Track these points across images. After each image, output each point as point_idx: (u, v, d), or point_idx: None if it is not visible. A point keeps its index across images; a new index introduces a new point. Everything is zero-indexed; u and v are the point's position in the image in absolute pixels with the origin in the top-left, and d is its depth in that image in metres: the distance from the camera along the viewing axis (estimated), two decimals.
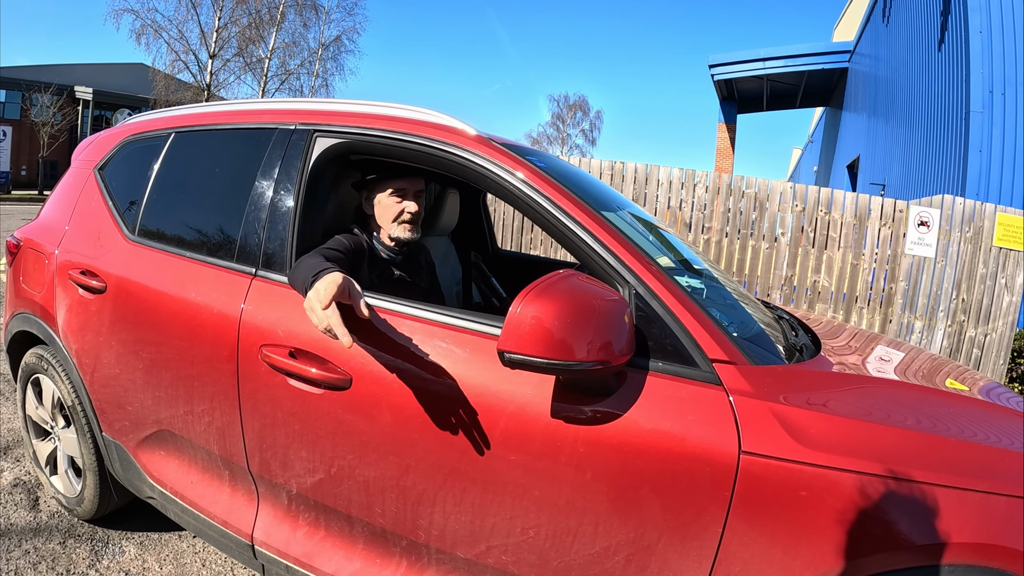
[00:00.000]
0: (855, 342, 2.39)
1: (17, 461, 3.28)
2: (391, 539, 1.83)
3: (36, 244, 2.87)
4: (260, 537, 2.03)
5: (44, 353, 2.73)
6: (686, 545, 1.48)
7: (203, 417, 2.12)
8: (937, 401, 1.78)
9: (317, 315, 1.54)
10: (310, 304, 1.56)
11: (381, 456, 1.75)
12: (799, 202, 6.38)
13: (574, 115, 42.40)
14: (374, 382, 1.74)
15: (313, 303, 1.55)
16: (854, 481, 1.37)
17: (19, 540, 2.61)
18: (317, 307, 1.54)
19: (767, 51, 16.65)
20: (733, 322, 1.87)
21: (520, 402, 1.58)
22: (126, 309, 2.32)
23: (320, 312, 1.53)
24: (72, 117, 32.84)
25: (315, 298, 1.55)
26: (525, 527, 1.62)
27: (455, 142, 1.87)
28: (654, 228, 2.50)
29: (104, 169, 2.79)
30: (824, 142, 23.87)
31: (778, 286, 6.47)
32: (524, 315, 1.39)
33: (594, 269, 1.69)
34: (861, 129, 15.71)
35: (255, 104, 2.39)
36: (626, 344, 1.46)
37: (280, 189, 2.06)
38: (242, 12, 26.98)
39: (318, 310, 1.53)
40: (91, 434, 2.57)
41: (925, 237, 6.11)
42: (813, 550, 1.38)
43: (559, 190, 1.77)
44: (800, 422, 1.45)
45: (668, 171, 6.65)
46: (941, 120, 9.10)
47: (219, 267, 2.13)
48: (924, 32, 10.43)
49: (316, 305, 1.54)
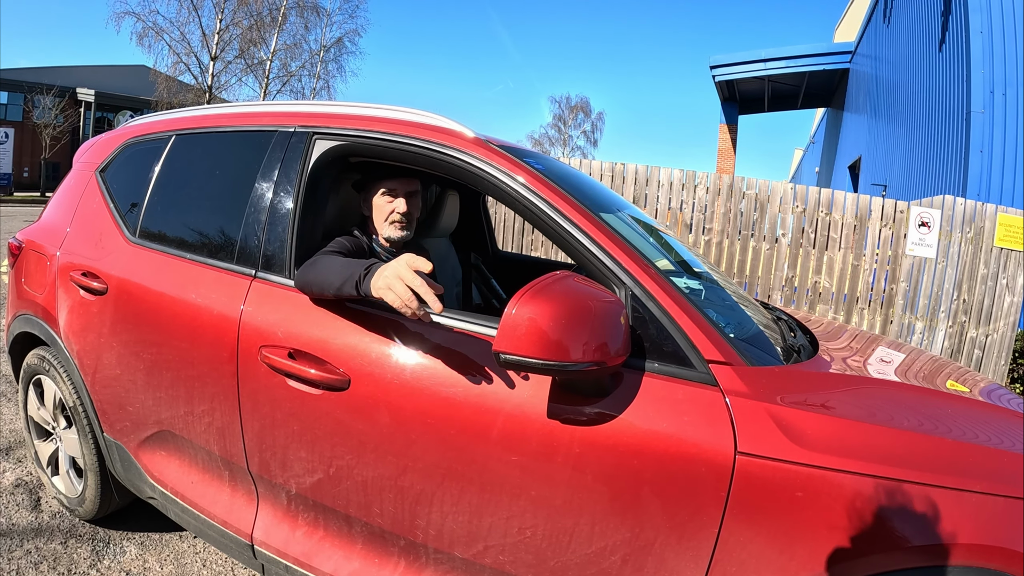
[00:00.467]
0: (855, 343, 2.39)
1: (19, 462, 3.29)
2: (389, 539, 1.84)
3: (38, 246, 2.89)
4: (260, 537, 2.04)
5: (46, 354, 2.75)
6: (682, 545, 1.49)
7: (203, 418, 2.13)
8: (936, 402, 1.78)
9: (407, 280, 1.54)
10: (396, 273, 1.55)
11: (379, 456, 1.76)
12: (800, 203, 6.38)
13: (576, 116, 42.47)
14: (372, 383, 1.75)
15: (402, 272, 1.55)
16: (850, 482, 1.38)
17: (21, 540, 2.63)
18: (407, 274, 1.54)
19: (768, 52, 16.63)
20: (730, 323, 1.88)
21: (517, 403, 1.59)
22: (127, 310, 2.34)
23: (410, 277, 1.53)
24: (74, 119, 32.89)
25: (400, 269, 1.56)
26: (522, 527, 1.62)
27: (453, 144, 1.88)
28: (653, 230, 2.51)
29: (105, 171, 2.80)
30: (825, 143, 23.85)
31: (779, 287, 6.47)
32: (520, 316, 1.39)
33: (590, 270, 1.70)
34: (862, 130, 15.70)
35: (255, 107, 2.40)
36: (622, 345, 1.47)
37: (280, 191, 2.07)
38: (244, 14, 27.01)
39: (408, 276, 1.54)
40: (92, 435, 2.58)
41: (926, 238, 6.10)
42: (809, 550, 1.38)
43: (556, 192, 1.78)
44: (796, 423, 1.45)
45: (669, 172, 6.65)
46: (942, 120, 9.09)
47: (219, 269, 2.15)
48: (925, 32, 10.42)
49: (405, 273, 1.54)
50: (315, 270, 1.84)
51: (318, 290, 1.82)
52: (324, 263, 1.83)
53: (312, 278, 1.84)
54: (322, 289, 1.80)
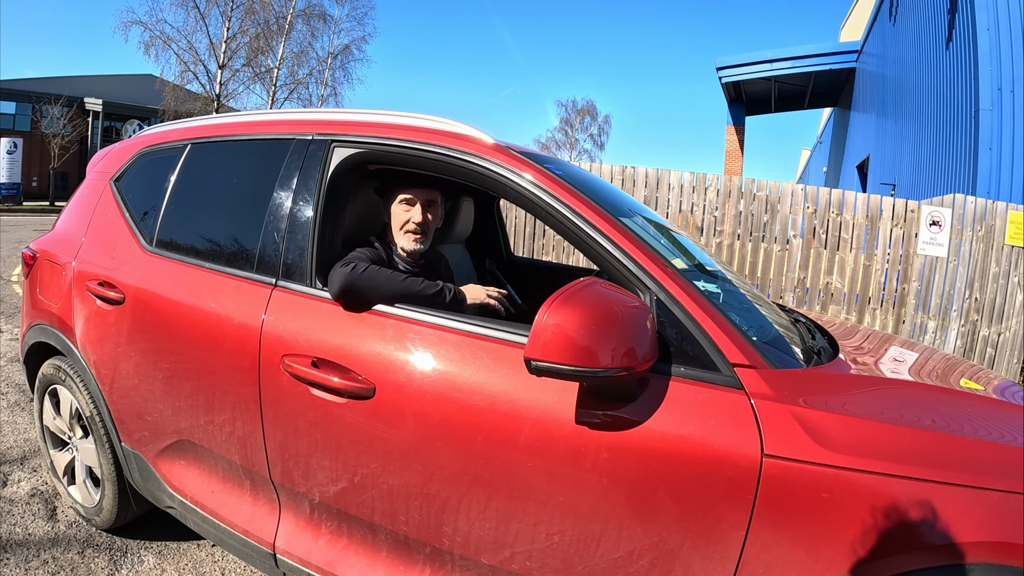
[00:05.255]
0: (869, 343, 2.38)
1: (34, 471, 3.30)
2: (414, 546, 1.83)
3: (52, 256, 2.90)
4: (282, 546, 2.04)
5: (62, 364, 2.75)
6: (710, 549, 1.48)
7: (224, 427, 2.13)
8: (953, 401, 1.78)
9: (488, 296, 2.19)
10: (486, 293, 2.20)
11: (405, 464, 1.76)
12: (810, 204, 6.37)
13: (582, 120, 42.60)
14: (397, 391, 1.75)
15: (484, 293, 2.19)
16: (874, 482, 1.37)
17: (37, 550, 2.63)
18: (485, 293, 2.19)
19: (774, 52, 16.64)
20: (751, 326, 1.87)
21: (543, 409, 1.59)
22: (145, 320, 2.34)
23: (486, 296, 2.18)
24: (82, 128, 33.20)
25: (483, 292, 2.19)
26: (549, 533, 1.62)
27: (473, 151, 1.88)
28: (668, 232, 2.50)
29: (120, 180, 2.81)
30: (833, 143, 23.82)
31: (791, 288, 6.46)
32: (549, 323, 1.40)
33: (615, 276, 1.70)
34: (870, 129, 15.67)
35: (271, 115, 2.40)
36: (649, 350, 1.46)
37: (299, 199, 2.07)
38: (251, 22, 27.16)
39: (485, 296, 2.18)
40: (110, 444, 2.58)
41: (937, 237, 6.08)
42: (835, 551, 1.38)
43: (579, 197, 1.78)
44: (820, 424, 1.45)
45: (679, 175, 6.65)
46: (950, 118, 9.07)
47: (239, 278, 2.15)
48: (932, 30, 10.41)
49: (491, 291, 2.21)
50: (373, 277, 1.90)
51: (387, 293, 1.91)
52: (374, 271, 1.92)
53: (368, 282, 1.90)
54: (393, 292, 1.91)
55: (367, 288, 1.88)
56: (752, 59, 16.91)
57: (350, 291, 1.89)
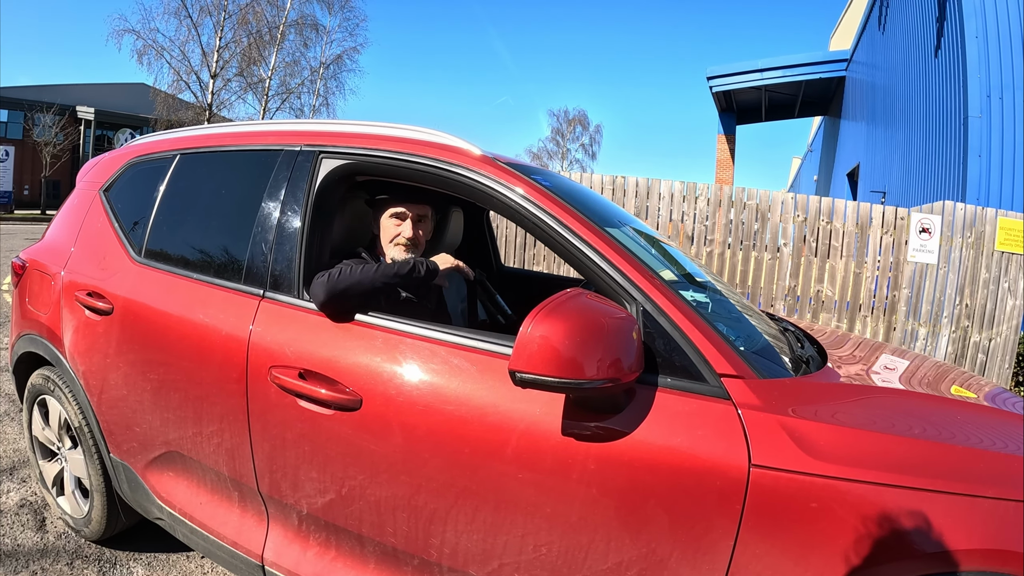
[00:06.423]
0: (860, 352, 2.39)
1: (23, 482, 3.28)
2: (402, 558, 1.83)
3: (42, 265, 2.89)
4: (270, 557, 2.03)
5: (50, 374, 2.74)
6: (698, 559, 1.48)
7: (212, 438, 2.12)
8: (944, 409, 1.78)
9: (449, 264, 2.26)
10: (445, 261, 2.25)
11: (392, 476, 1.76)
12: (801, 212, 6.40)
13: (574, 130, 42.71)
14: (384, 403, 1.75)
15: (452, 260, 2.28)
16: (864, 491, 1.38)
17: (26, 561, 2.61)
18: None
19: (764, 62, 16.72)
20: (739, 336, 1.88)
21: (530, 420, 1.59)
22: (134, 330, 2.33)
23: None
24: (74, 137, 33.13)
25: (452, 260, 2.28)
26: (537, 544, 1.62)
27: (461, 162, 1.88)
28: (657, 242, 2.51)
29: (109, 191, 2.80)
30: (823, 151, 23.91)
31: (781, 297, 6.47)
32: (534, 335, 1.40)
33: (601, 287, 1.70)
34: (860, 137, 15.75)
35: (260, 125, 2.40)
36: (635, 361, 1.47)
37: (287, 210, 2.07)
38: (243, 32, 27.17)
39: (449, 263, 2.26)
40: (98, 455, 2.57)
41: (927, 244, 6.11)
42: (824, 561, 1.38)
43: (566, 209, 1.78)
44: (809, 434, 1.45)
45: (669, 184, 6.66)
46: (940, 126, 9.13)
47: (227, 289, 2.14)
48: (921, 39, 10.48)
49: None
50: (350, 275, 1.90)
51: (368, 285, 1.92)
52: (347, 269, 1.93)
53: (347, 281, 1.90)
54: (373, 282, 1.93)
55: (349, 287, 1.88)
56: (742, 68, 16.98)
57: (333, 296, 1.88)
